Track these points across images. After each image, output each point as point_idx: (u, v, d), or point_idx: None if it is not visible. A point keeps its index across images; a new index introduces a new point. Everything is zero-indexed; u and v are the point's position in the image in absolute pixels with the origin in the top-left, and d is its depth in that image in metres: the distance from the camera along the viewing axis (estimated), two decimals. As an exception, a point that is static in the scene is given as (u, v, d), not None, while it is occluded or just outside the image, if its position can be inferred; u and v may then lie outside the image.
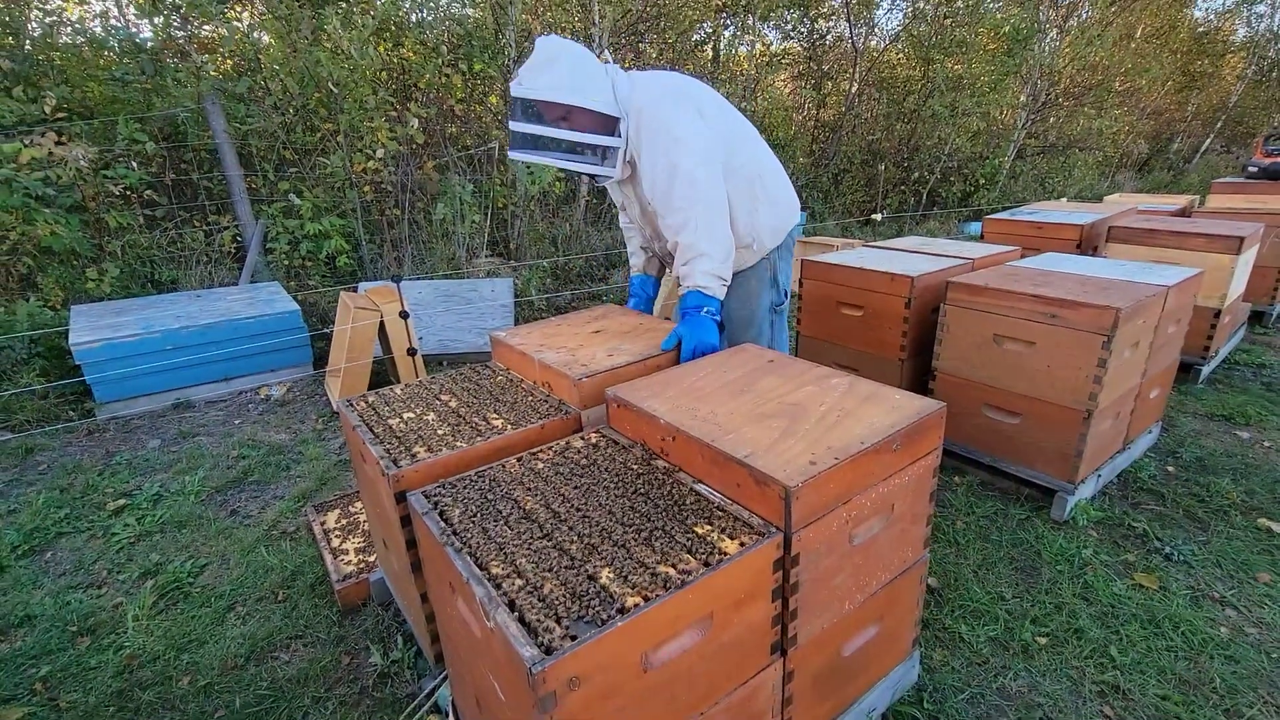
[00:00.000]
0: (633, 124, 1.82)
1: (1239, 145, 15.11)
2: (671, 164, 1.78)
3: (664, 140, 1.79)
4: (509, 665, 0.94)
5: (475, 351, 4.00)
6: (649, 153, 1.82)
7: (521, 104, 1.74)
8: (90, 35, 4.69)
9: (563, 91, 1.71)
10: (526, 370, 1.83)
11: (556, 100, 1.71)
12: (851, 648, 1.37)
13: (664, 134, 1.79)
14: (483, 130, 5.94)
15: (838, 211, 8.80)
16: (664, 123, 1.79)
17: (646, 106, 1.80)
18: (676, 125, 1.79)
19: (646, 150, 1.82)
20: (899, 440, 1.26)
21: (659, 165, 1.80)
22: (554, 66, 1.72)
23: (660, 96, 1.82)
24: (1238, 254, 3.15)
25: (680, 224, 1.81)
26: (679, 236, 1.82)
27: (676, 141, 1.78)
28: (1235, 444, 2.85)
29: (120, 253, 4.42)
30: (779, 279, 2.13)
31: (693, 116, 1.82)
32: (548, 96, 1.71)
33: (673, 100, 1.82)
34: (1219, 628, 1.86)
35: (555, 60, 1.73)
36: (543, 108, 1.73)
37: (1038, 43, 8.94)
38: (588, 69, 1.76)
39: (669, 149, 1.78)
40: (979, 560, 2.16)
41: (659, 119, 1.80)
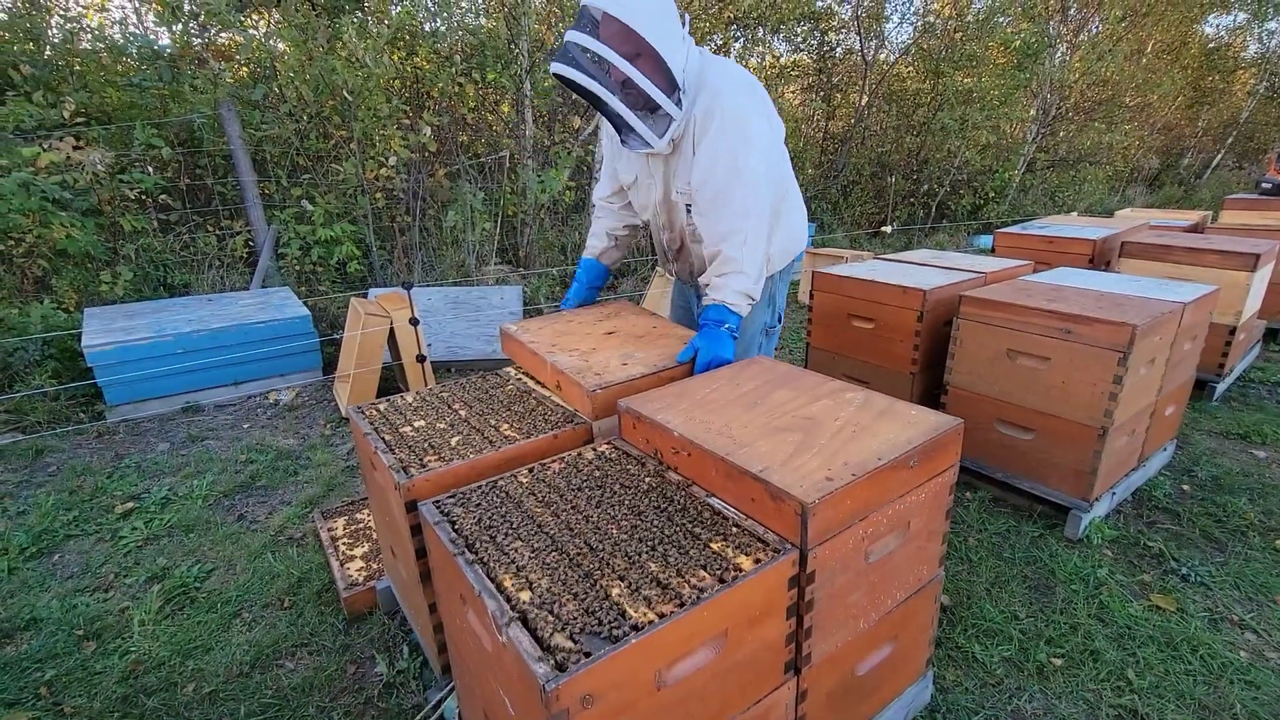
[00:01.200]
0: (701, 104, 1.63)
1: (1250, 161, 15.04)
2: (736, 164, 1.62)
3: (735, 135, 1.62)
4: (521, 681, 0.92)
5: (484, 358, 4.00)
6: (715, 141, 1.62)
7: (596, 19, 1.54)
8: (110, 42, 4.75)
9: (649, 25, 1.50)
10: (537, 369, 1.81)
11: (638, 30, 1.49)
12: (865, 667, 1.35)
13: (736, 129, 1.62)
14: (494, 139, 5.97)
15: (846, 223, 8.80)
16: (739, 117, 1.62)
17: (724, 91, 1.62)
18: (750, 124, 1.63)
19: (713, 137, 1.62)
20: (916, 456, 1.24)
21: (721, 159, 1.62)
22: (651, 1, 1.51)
23: (738, 87, 1.64)
24: (1253, 271, 3.12)
25: (729, 232, 1.66)
26: (723, 246, 1.67)
27: (748, 141, 1.62)
28: (1251, 463, 2.81)
29: (134, 256, 4.46)
30: (776, 301, 2.03)
31: (765, 118, 1.69)
32: (632, 22, 1.49)
33: (748, 94, 1.66)
34: (1238, 651, 1.82)
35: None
36: (617, 32, 1.51)
37: (1048, 57, 8.95)
38: (675, 19, 1.58)
39: (738, 147, 1.62)
40: (992, 578, 2.13)
41: (735, 110, 1.62)
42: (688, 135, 1.67)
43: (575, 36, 1.54)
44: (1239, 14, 12.56)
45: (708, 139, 1.63)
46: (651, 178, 1.84)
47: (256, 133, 4.84)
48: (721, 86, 1.63)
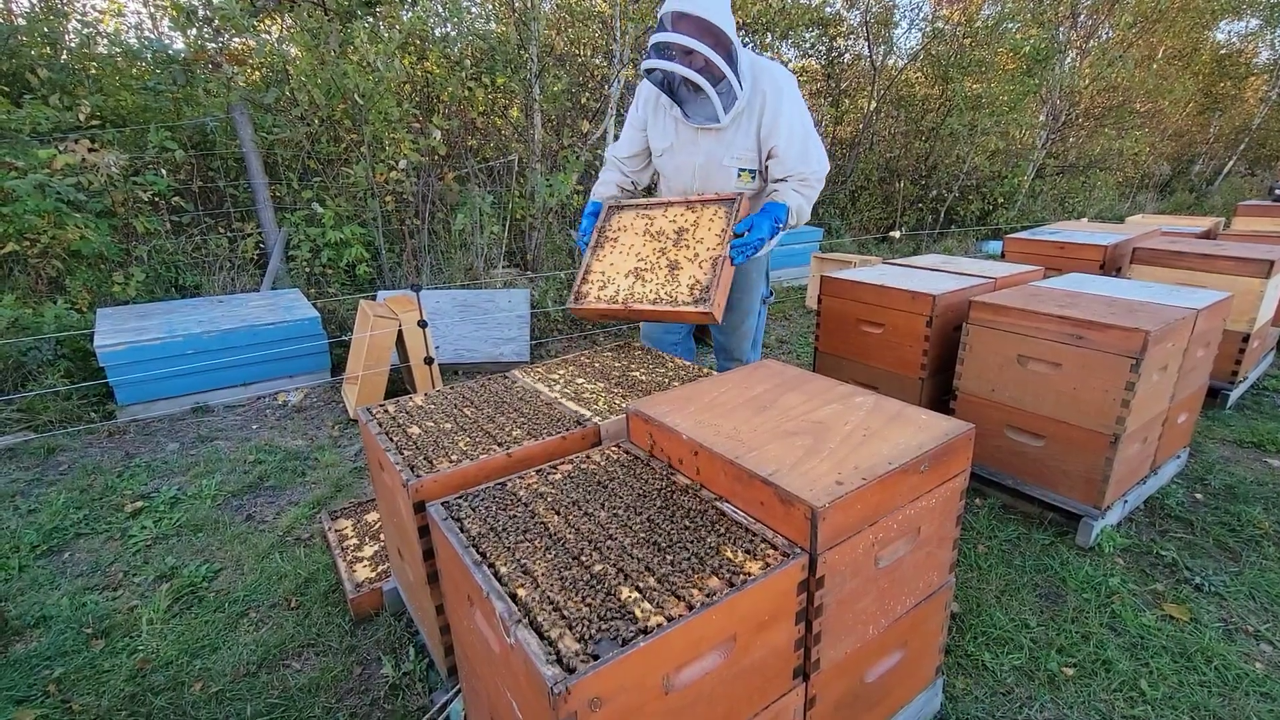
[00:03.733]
0: (768, 87, 2.06)
1: (1262, 168, 14.91)
2: (807, 129, 2.12)
3: (802, 110, 2.11)
4: (529, 683, 0.92)
5: (491, 361, 4.01)
6: (791, 112, 2.08)
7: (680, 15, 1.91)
8: (125, 46, 4.81)
9: (722, 19, 1.91)
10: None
11: (716, 23, 1.90)
12: (875, 674, 1.34)
13: (801, 106, 2.11)
14: (503, 142, 6.00)
15: (855, 228, 8.78)
16: (798, 98, 2.11)
17: (785, 83, 2.08)
18: (805, 112, 2.13)
19: (789, 110, 2.07)
20: (927, 461, 1.23)
21: (798, 125, 2.10)
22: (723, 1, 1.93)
23: (791, 77, 2.12)
24: (1267, 277, 3.09)
25: (810, 173, 2.13)
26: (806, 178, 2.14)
27: (806, 116, 2.13)
28: (1266, 472, 2.78)
29: (147, 257, 4.50)
30: (768, 273, 2.50)
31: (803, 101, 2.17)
32: (718, 23, 1.90)
33: (792, 81, 2.12)
34: (1254, 663, 1.79)
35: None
36: (700, 27, 1.91)
37: (1057, 63, 8.91)
38: (732, 20, 1.98)
39: (805, 119, 2.12)
40: (1002, 586, 2.10)
41: (795, 93, 2.10)
42: (750, 111, 2.09)
43: (666, 36, 1.93)
44: (1251, 20, 12.47)
45: (784, 111, 2.07)
46: (694, 145, 2.19)
47: (268, 136, 4.89)
48: (777, 74, 2.08)
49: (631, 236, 2.18)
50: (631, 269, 2.11)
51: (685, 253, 2.05)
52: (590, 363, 2.07)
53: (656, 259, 2.09)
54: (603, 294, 2.12)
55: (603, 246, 2.22)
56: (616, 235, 2.22)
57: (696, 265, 2.01)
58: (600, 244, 2.23)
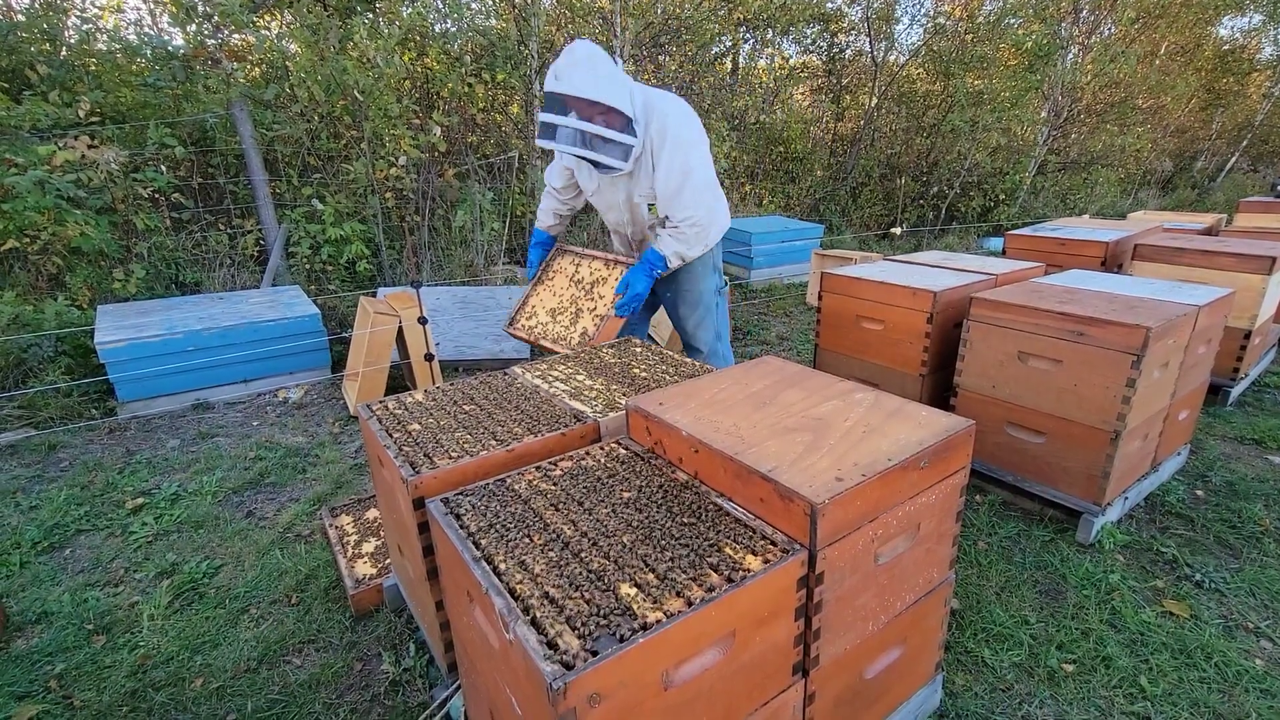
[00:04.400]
0: (654, 128, 2.15)
1: (1265, 164, 14.87)
2: (686, 170, 2.18)
3: (683, 153, 2.17)
4: (528, 679, 0.92)
5: (491, 358, 4.01)
6: (670, 157, 2.17)
7: (559, 99, 2.00)
8: (125, 42, 4.80)
9: (600, 91, 1.99)
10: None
11: (594, 99, 1.99)
12: (874, 670, 1.34)
13: (683, 148, 2.17)
14: (503, 139, 5.99)
15: (855, 225, 8.76)
16: (684, 139, 2.17)
17: (670, 116, 2.15)
18: (693, 143, 2.19)
19: (668, 154, 2.16)
20: (927, 458, 1.23)
21: (675, 169, 2.18)
22: (592, 67, 2.00)
23: (679, 115, 2.18)
24: (1269, 274, 3.08)
25: (686, 217, 2.23)
26: (680, 223, 2.23)
27: (689, 156, 2.18)
28: (1267, 469, 2.78)
29: (147, 254, 4.50)
30: (717, 267, 2.59)
31: (701, 135, 2.23)
32: (588, 95, 1.98)
33: (688, 120, 2.20)
34: (1254, 660, 1.80)
35: (592, 60, 2.00)
36: (577, 104, 2.00)
37: (1059, 59, 8.88)
38: (616, 74, 2.04)
39: (686, 159, 2.18)
40: (1001, 582, 2.11)
41: (681, 133, 2.16)
42: (645, 153, 2.19)
43: (549, 118, 2.05)
44: (1254, 16, 12.42)
45: (664, 155, 2.17)
46: (614, 186, 2.35)
47: (268, 132, 4.88)
48: (667, 115, 2.15)
49: (562, 279, 2.61)
50: (552, 307, 2.56)
51: (590, 304, 2.44)
52: (590, 359, 2.06)
53: (570, 304, 2.51)
54: (527, 324, 2.61)
55: (541, 283, 2.68)
56: (553, 276, 2.67)
57: (592, 317, 2.40)
58: (540, 279, 2.70)
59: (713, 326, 2.64)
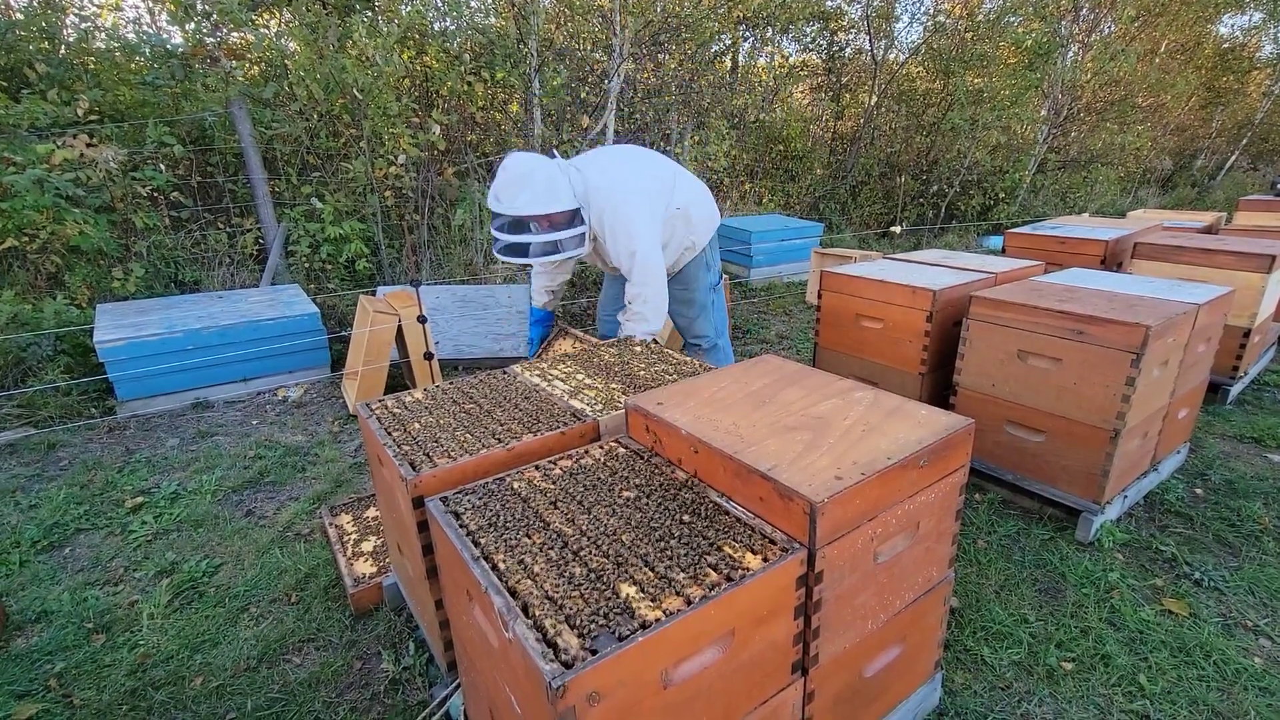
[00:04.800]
0: (594, 211, 2.28)
1: (1265, 162, 14.86)
2: (631, 252, 2.30)
3: (624, 235, 2.29)
4: (527, 678, 0.92)
5: (490, 357, 4.01)
6: (613, 241, 2.31)
7: (505, 220, 2.14)
8: (123, 41, 4.79)
9: (541, 204, 2.12)
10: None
11: (538, 214, 2.12)
12: (873, 668, 1.34)
13: (624, 230, 2.29)
14: (502, 138, 5.98)
15: (855, 223, 8.76)
16: (624, 220, 2.28)
17: (608, 200, 2.27)
18: (633, 221, 2.28)
19: (610, 238, 2.31)
20: (926, 456, 1.23)
21: (621, 252, 2.32)
22: (528, 183, 2.11)
23: (616, 194, 2.28)
24: (1269, 272, 3.08)
25: (635, 295, 2.37)
26: (632, 304, 2.38)
27: (632, 236, 2.29)
28: (1266, 467, 2.78)
29: (146, 253, 4.49)
30: (712, 264, 2.71)
31: (644, 209, 2.31)
32: (530, 212, 2.11)
33: (623, 197, 2.29)
34: (1253, 658, 1.80)
35: (527, 176, 2.12)
36: (524, 220, 2.13)
37: (1059, 57, 8.87)
38: (554, 178, 2.17)
39: (629, 241, 2.29)
40: (1001, 581, 2.11)
41: (619, 216, 2.28)
42: (597, 234, 2.33)
43: (501, 236, 2.18)
44: (1254, 14, 12.40)
45: (609, 239, 2.32)
46: (592, 255, 2.48)
47: (267, 131, 4.87)
48: (605, 199, 2.27)
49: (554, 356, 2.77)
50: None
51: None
52: (590, 358, 2.06)
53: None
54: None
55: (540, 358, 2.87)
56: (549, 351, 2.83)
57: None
58: (540, 355, 2.83)
59: (711, 321, 2.76)
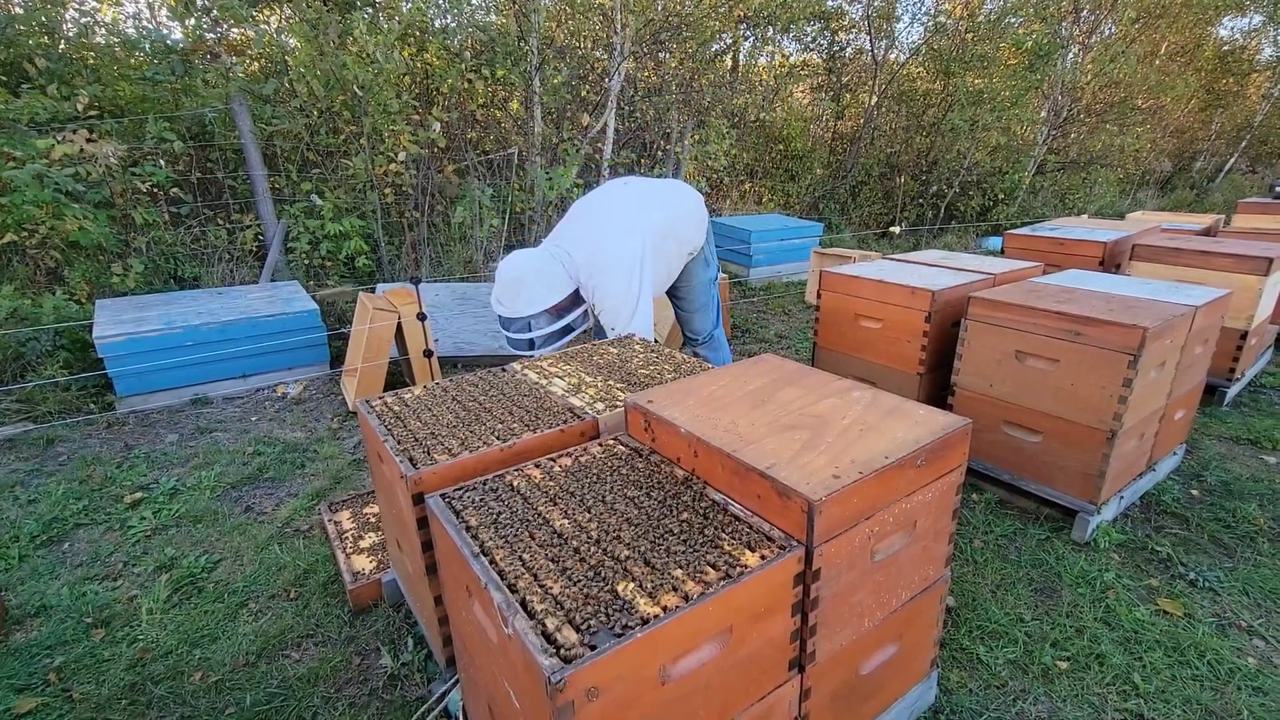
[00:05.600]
0: (585, 287, 2.40)
1: (1264, 165, 14.88)
2: (612, 328, 2.43)
3: (609, 309, 2.41)
4: (526, 673, 0.93)
5: (490, 355, 4.01)
6: (600, 311, 2.45)
7: (510, 321, 2.29)
8: (123, 36, 4.79)
9: (538, 302, 2.27)
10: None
11: (538, 311, 2.28)
12: (870, 666, 1.35)
13: (609, 303, 2.39)
14: (503, 135, 5.98)
15: (855, 224, 8.77)
16: (607, 294, 2.38)
17: (598, 285, 2.38)
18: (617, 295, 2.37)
19: (598, 308, 2.45)
20: (924, 456, 1.24)
21: (606, 322, 2.45)
22: (523, 285, 2.25)
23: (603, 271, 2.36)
24: (1266, 275, 3.09)
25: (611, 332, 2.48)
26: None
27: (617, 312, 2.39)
28: (1262, 469, 2.79)
29: (145, 249, 4.49)
30: (710, 260, 2.82)
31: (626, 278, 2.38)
32: (531, 311, 2.27)
33: (607, 273, 2.37)
34: (1246, 658, 1.81)
35: (521, 280, 2.25)
36: (533, 317, 2.28)
37: (1060, 58, 8.88)
38: (545, 271, 2.30)
39: (611, 318, 2.41)
40: (997, 580, 2.12)
41: (604, 291, 2.38)
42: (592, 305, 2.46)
43: (515, 336, 2.36)
44: (1255, 16, 12.42)
45: (597, 296, 2.42)
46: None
47: (267, 127, 4.87)
48: (589, 278, 2.38)
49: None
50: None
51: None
52: (590, 356, 2.07)
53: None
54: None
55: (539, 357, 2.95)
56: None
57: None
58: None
59: (708, 316, 2.89)
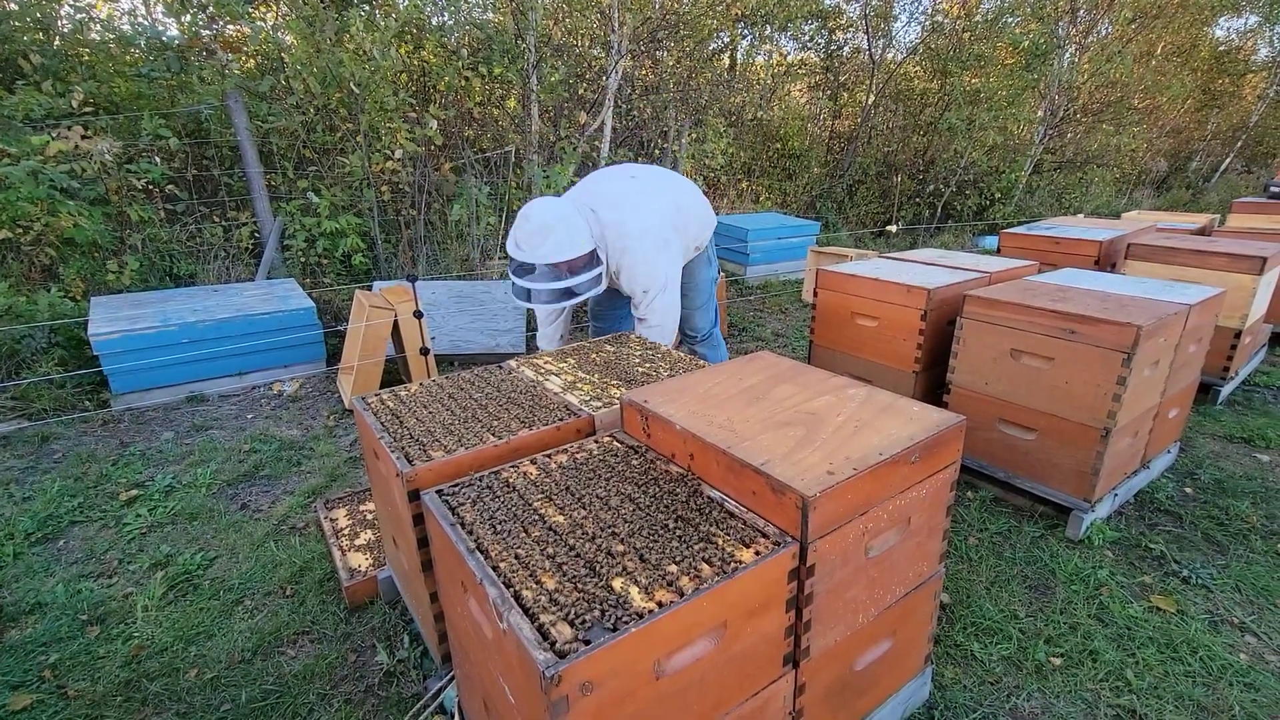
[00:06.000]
0: (610, 250, 2.32)
1: (1259, 165, 14.93)
2: (644, 290, 2.39)
3: (642, 275, 2.36)
4: (521, 668, 0.93)
5: (486, 352, 4.01)
6: (629, 280, 2.38)
7: (528, 267, 2.14)
8: (118, 32, 4.77)
9: (563, 251, 2.12)
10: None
11: (559, 260, 2.13)
12: (864, 662, 1.36)
13: (643, 269, 2.35)
14: (500, 133, 5.98)
15: (852, 222, 8.78)
16: (641, 260, 2.34)
17: (625, 249, 2.32)
18: (649, 261, 2.35)
19: (626, 277, 2.38)
20: (918, 452, 1.24)
21: (636, 290, 2.40)
22: (552, 232, 2.12)
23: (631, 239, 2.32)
24: (1260, 274, 3.10)
25: (650, 325, 2.45)
26: (646, 330, 2.46)
27: (651, 276, 2.36)
28: (1255, 467, 2.81)
29: (141, 246, 4.48)
30: (712, 260, 2.85)
31: (656, 245, 2.37)
32: (553, 259, 2.12)
33: (636, 239, 2.33)
34: (1238, 654, 1.82)
35: (551, 227, 2.13)
36: (546, 268, 2.14)
37: (1056, 58, 8.90)
38: (573, 223, 2.17)
39: (646, 280, 2.37)
40: (991, 577, 2.13)
41: (636, 257, 2.34)
42: (614, 269, 2.39)
43: (524, 282, 2.18)
44: (1250, 17, 12.46)
45: (623, 278, 2.39)
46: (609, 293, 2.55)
47: (263, 124, 4.85)
48: (618, 238, 2.32)
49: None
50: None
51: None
52: (586, 354, 2.07)
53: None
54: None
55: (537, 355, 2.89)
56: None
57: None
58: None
59: (708, 313, 2.89)
